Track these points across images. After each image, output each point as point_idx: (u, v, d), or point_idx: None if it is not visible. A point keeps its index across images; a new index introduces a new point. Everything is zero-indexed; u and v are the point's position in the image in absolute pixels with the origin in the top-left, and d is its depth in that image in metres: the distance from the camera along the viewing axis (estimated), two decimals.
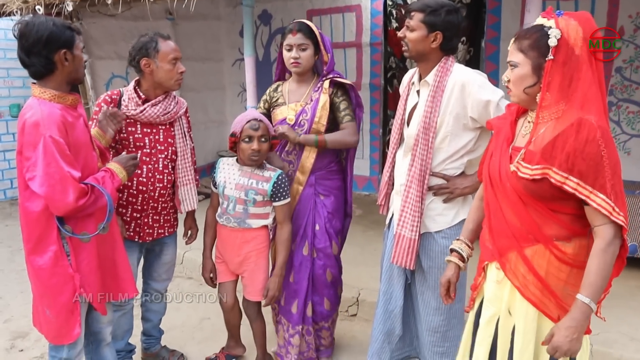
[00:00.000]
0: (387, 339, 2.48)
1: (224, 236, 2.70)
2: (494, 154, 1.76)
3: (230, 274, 2.77)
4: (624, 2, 4.31)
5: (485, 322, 1.78)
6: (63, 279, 2.06)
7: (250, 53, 4.02)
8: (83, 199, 1.96)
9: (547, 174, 1.55)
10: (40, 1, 4.38)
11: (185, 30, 6.26)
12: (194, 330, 3.47)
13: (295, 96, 2.74)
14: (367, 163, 6.05)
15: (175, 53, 2.54)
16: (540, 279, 1.62)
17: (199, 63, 6.55)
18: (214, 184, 2.70)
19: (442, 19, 2.12)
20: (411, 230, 2.25)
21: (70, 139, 2.00)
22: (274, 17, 6.33)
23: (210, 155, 6.61)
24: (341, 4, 5.83)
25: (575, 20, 1.56)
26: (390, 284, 2.46)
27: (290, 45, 2.64)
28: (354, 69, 5.94)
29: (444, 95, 2.16)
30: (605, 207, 1.50)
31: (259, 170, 2.60)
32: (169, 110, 2.60)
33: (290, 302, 2.81)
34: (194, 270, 4.15)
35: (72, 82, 2.11)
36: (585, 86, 1.54)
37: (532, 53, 1.59)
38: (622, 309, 3.23)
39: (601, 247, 1.54)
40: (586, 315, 1.55)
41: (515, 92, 1.66)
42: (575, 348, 1.55)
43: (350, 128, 2.69)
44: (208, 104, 6.74)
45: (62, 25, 2.00)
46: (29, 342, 3.32)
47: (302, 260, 2.76)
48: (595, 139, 1.50)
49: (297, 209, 2.76)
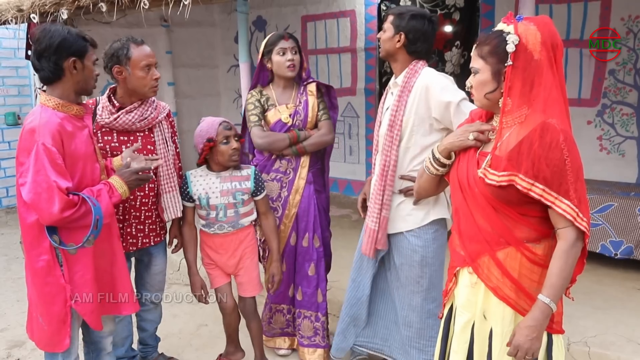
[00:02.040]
0: (353, 322, 2.69)
1: (217, 244, 2.71)
2: (461, 159, 1.77)
3: (225, 276, 2.80)
4: (616, 5, 4.34)
5: (460, 329, 1.78)
6: (55, 289, 2.06)
7: (245, 59, 4.03)
8: (69, 211, 1.93)
9: (514, 180, 1.56)
10: (36, 9, 4.38)
11: (180, 37, 6.28)
12: (191, 337, 3.46)
13: (283, 99, 2.87)
14: (363, 168, 6.05)
15: (148, 59, 2.44)
16: (514, 281, 1.64)
17: (194, 70, 6.57)
18: (188, 199, 2.67)
19: (406, 22, 2.31)
20: (372, 221, 2.42)
21: (67, 148, 1.99)
22: (269, 23, 6.35)
23: None
24: (335, 9, 5.86)
25: (534, 25, 1.57)
26: (359, 273, 2.64)
27: (284, 49, 2.75)
28: (348, 73, 5.96)
29: (410, 95, 2.31)
30: (570, 213, 1.53)
31: (236, 170, 2.66)
32: (146, 116, 2.52)
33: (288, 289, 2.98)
34: None
35: (81, 93, 2.12)
36: (546, 90, 1.56)
37: (491, 59, 1.61)
38: (620, 310, 3.24)
39: (563, 249, 1.56)
40: (546, 314, 1.57)
41: (477, 97, 1.69)
42: (535, 347, 1.57)
43: (325, 127, 2.87)
44: (203, 110, 6.71)
45: (76, 34, 2.03)
46: (26, 351, 3.30)
47: (303, 251, 2.91)
48: (559, 143, 1.51)
49: (302, 205, 2.87)
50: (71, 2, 4.12)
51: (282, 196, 2.87)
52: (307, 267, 2.90)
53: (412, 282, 2.42)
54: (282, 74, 2.79)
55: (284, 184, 2.86)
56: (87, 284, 2.11)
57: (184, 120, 6.45)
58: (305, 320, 2.95)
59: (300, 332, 2.98)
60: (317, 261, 2.91)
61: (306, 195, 2.86)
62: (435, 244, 2.39)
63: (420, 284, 2.40)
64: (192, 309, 3.79)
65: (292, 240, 2.91)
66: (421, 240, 2.37)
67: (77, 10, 4.15)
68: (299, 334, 2.99)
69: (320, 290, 2.92)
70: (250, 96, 2.89)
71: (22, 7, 4.55)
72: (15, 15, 4.62)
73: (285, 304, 3.02)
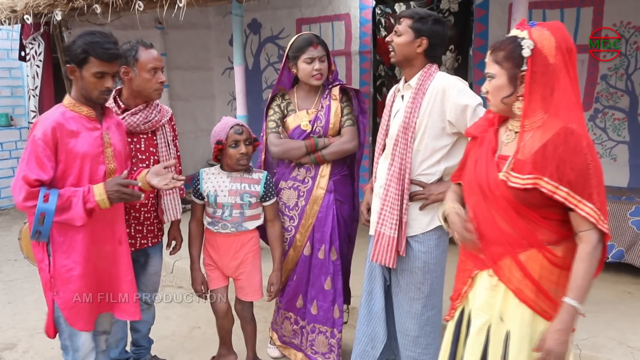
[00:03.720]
0: (371, 342, 2.49)
1: (219, 243, 2.71)
2: (478, 162, 1.78)
3: (223, 279, 2.80)
4: (609, 11, 4.37)
5: (476, 331, 1.78)
6: (44, 277, 2.18)
7: (240, 62, 4.03)
8: (31, 202, 2.01)
9: (538, 183, 1.58)
10: (29, 11, 4.37)
11: (174, 39, 6.27)
12: (184, 339, 3.45)
13: (305, 104, 2.78)
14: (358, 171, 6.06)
15: (155, 62, 2.51)
16: (535, 282, 1.65)
17: (189, 72, 6.55)
18: (198, 196, 2.70)
19: (429, 27, 2.23)
20: (390, 228, 2.29)
21: (64, 145, 2.06)
22: (264, 26, 6.35)
23: (200, 164, 6.59)
24: (330, 12, 5.86)
25: (547, 30, 1.60)
26: (370, 283, 2.50)
27: (312, 58, 2.65)
28: (343, 77, 5.96)
29: (425, 97, 2.23)
30: (593, 216, 1.55)
31: (247, 173, 2.67)
32: (150, 118, 2.59)
33: (296, 300, 2.90)
34: (184, 279, 4.14)
35: (88, 99, 2.16)
36: (564, 94, 1.58)
37: (507, 64, 1.63)
38: (610, 313, 3.26)
39: (588, 251, 1.58)
40: (573, 317, 1.59)
41: (494, 102, 1.71)
42: (564, 350, 1.59)
43: (348, 134, 2.73)
44: (198, 113, 6.73)
45: (80, 44, 2.07)
46: (17, 353, 3.29)
47: (318, 264, 2.80)
48: (582, 148, 1.54)
49: (320, 216, 2.77)
50: (65, 4, 4.12)
51: (300, 205, 2.78)
52: (324, 281, 2.80)
53: (412, 289, 2.35)
54: (308, 82, 2.71)
55: (301, 192, 2.77)
56: (72, 280, 2.16)
57: (178, 123, 6.34)
58: (320, 336, 2.85)
59: (313, 347, 2.87)
60: (334, 275, 2.79)
61: (325, 205, 2.75)
62: (438, 250, 2.33)
63: (421, 290, 2.34)
64: (185, 311, 3.78)
65: (306, 250, 2.82)
66: (424, 246, 2.31)
67: (71, 11, 4.15)
68: (312, 349, 2.88)
69: (337, 306, 2.80)
70: (270, 100, 2.83)
71: (15, 8, 4.54)
72: (8, 16, 4.62)
73: (293, 313, 2.94)
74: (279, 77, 2.83)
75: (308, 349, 2.90)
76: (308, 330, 2.89)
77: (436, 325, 2.41)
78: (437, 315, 2.42)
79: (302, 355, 2.96)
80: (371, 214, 2.47)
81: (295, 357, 3.00)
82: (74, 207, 2.05)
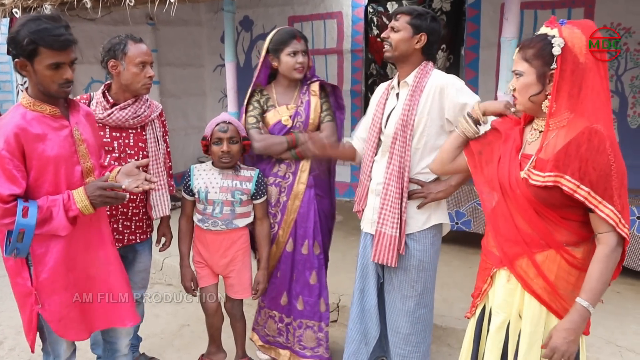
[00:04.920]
0: (364, 339, 2.49)
1: (209, 240, 2.70)
2: (502, 159, 1.77)
3: (213, 277, 2.78)
4: (599, 13, 4.40)
5: (495, 329, 1.78)
6: (24, 291, 2.01)
7: (232, 59, 4.01)
8: (8, 219, 1.83)
9: (559, 182, 1.57)
10: (18, 4, 4.31)
11: (166, 35, 6.23)
12: (173, 337, 3.43)
13: (285, 99, 2.76)
14: (348, 169, 6.06)
15: (144, 57, 2.47)
16: (549, 282, 1.65)
17: (180, 69, 6.52)
18: (189, 192, 2.69)
19: (428, 23, 2.24)
20: (392, 228, 2.28)
21: (32, 152, 1.88)
22: (255, 23, 6.33)
23: (190, 161, 6.57)
24: (322, 10, 5.86)
25: (578, 28, 1.59)
26: (363, 281, 2.49)
27: (296, 51, 2.65)
28: (335, 75, 5.96)
29: (422, 95, 2.23)
30: (613, 218, 1.54)
31: (239, 171, 2.66)
32: (139, 113, 2.54)
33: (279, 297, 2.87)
34: (174, 277, 4.11)
35: (48, 95, 1.95)
36: (593, 94, 1.57)
37: (536, 62, 1.62)
38: (598, 312, 3.25)
39: (605, 253, 1.57)
40: (584, 318, 1.59)
41: (521, 100, 1.69)
42: (572, 350, 1.59)
43: (328, 129, 2.75)
44: (189, 110, 6.71)
45: (24, 35, 1.81)
46: (3, 351, 3.25)
47: (302, 259, 2.80)
48: (605, 148, 1.53)
49: (301, 211, 2.76)
50: None
51: (281, 201, 2.77)
52: (309, 276, 2.79)
53: (406, 287, 2.35)
54: (289, 75, 2.70)
55: (282, 188, 2.77)
56: (57, 291, 2.02)
57: (168, 120, 6.31)
58: (307, 331, 2.84)
59: (301, 343, 2.86)
60: (319, 269, 2.80)
61: (306, 200, 2.75)
62: (432, 249, 2.33)
63: (414, 288, 2.33)
64: (174, 309, 3.76)
65: (288, 247, 2.80)
66: (420, 244, 2.30)
67: (61, 5, 4.10)
68: (300, 345, 2.87)
69: (323, 299, 2.82)
70: (249, 96, 2.80)
71: (4, 2, 4.49)
72: None
73: (277, 311, 2.90)
74: (258, 73, 2.80)
75: (296, 345, 2.89)
76: (295, 326, 2.88)
77: (427, 323, 2.42)
78: (429, 314, 2.42)
79: (289, 352, 2.94)
80: (366, 212, 2.45)
81: (279, 355, 2.98)
82: (55, 217, 1.90)
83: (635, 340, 3.01)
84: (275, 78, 2.82)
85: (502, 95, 3.06)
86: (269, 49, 2.72)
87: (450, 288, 3.76)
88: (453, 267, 4.17)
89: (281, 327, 2.93)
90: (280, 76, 2.76)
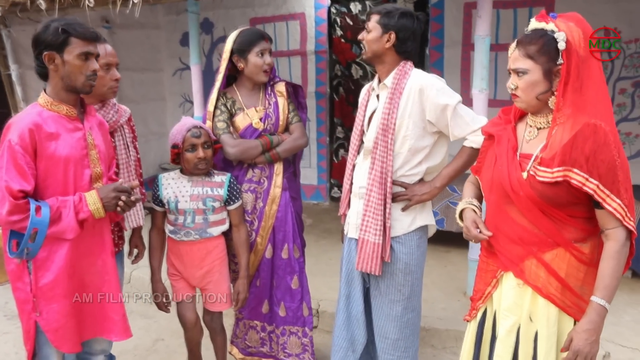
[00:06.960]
0: (351, 347, 2.43)
1: (183, 252, 2.57)
2: (498, 161, 1.73)
3: (189, 289, 2.65)
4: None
5: (505, 333, 1.74)
6: (23, 296, 1.97)
7: (197, 61, 3.91)
8: (17, 215, 1.83)
9: (568, 175, 1.55)
10: None
11: (123, 39, 6.02)
12: (147, 353, 3.28)
13: (251, 101, 2.67)
14: (315, 172, 6.02)
15: (108, 58, 2.33)
16: (560, 280, 1.64)
17: (138, 73, 6.31)
18: (158, 202, 2.56)
19: (396, 21, 2.19)
20: (375, 235, 2.22)
21: (44, 150, 1.89)
22: (216, 25, 6.20)
23: (152, 168, 6.37)
24: (285, 12, 5.80)
25: (572, 21, 1.57)
26: (349, 287, 2.42)
27: (264, 51, 2.58)
28: (299, 77, 5.90)
29: (402, 97, 2.18)
30: (619, 212, 1.54)
31: (209, 177, 2.54)
32: (108, 119, 2.40)
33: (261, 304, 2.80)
34: (143, 289, 3.94)
35: (71, 91, 1.97)
36: (595, 87, 1.56)
37: (541, 58, 1.58)
38: None
39: (616, 249, 1.57)
40: (602, 316, 1.57)
41: (526, 99, 1.64)
42: (594, 350, 1.57)
43: (298, 130, 2.72)
44: (148, 115, 6.49)
45: (55, 27, 1.88)
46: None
47: (283, 264, 2.73)
48: (610, 142, 1.52)
49: (279, 215, 2.69)
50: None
51: (258, 208, 2.69)
52: (290, 280, 2.72)
53: (393, 291, 2.30)
54: (256, 77, 2.61)
55: (258, 194, 2.68)
56: (55, 299, 1.97)
57: None
58: (292, 337, 2.77)
59: (285, 350, 2.79)
60: (300, 272, 2.74)
61: (283, 203, 2.69)
62: (419, 251, 2.29)
63: (402, 292, 2.29)
64: (146, 323, 3.61)
65: (267, 253, 2.72)
66: (406, 247, 2.26)
67: (12, 7, 3.89)
68: (285, 352, 2.78)
69: (306, 304, 2.75)
70: (214, 100, 2.67)
71: None
72: None
73: (259, 320, 2.82)
74: (224, 76, 2.67)
75: (280, 352, 2.82)
76: (278, 334, 2.80)
77: (415, 327, 2.38)
78: (417, 318, 2.38)
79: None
80: (350, 216, 2.39)
81: None
82: (64, 219, 1.88)
83: (612, 331, 3.06)
84: (236, 80, 2.72)
85: (477, 93, 3.08)
86: (234, 49, 2.61)
87: (428, 288, 3.74)
88: (429, 266, 4.10)
89: (264, 337, 2.84)
90: (244, 78, 2.66)
